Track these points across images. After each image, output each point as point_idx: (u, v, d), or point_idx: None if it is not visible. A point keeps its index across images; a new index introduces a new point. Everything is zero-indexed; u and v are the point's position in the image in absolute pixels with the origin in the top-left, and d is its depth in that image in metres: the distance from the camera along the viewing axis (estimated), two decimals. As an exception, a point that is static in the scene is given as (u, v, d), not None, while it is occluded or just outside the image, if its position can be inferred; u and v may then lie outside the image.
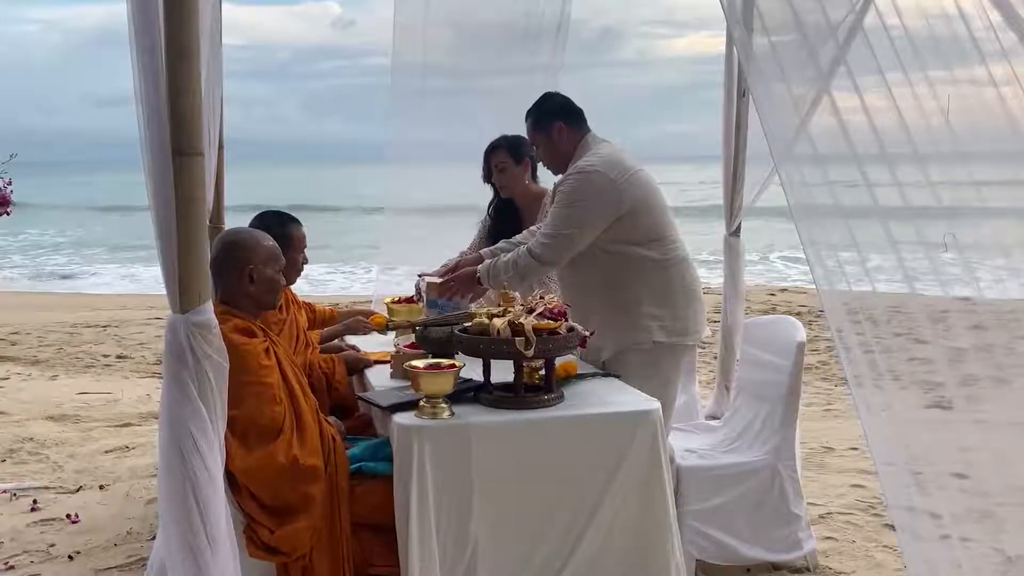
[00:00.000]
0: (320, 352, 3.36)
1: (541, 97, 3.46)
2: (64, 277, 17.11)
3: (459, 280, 3.40)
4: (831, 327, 2.27)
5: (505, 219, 3.99)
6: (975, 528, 2.14)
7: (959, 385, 2.14)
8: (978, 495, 2.16)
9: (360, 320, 3.58)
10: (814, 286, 2.34)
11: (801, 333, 3.39)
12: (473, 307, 3.16)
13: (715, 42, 4.33)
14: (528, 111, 3.46)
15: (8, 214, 4.86)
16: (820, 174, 2.33)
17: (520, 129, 3.86)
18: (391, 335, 3.50)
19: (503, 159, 3.91)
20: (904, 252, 2.19)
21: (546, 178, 3.91)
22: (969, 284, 2.15)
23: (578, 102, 3.44)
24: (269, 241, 2.81)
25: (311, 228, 3.61)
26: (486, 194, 4.12)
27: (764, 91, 2.62)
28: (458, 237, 4.21)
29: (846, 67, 2.32)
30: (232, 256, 2.73)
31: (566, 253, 3.21)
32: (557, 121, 3.35)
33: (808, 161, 2.36)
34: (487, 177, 3.99)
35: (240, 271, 2.71)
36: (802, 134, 2.40)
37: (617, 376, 3.11)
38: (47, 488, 4.38)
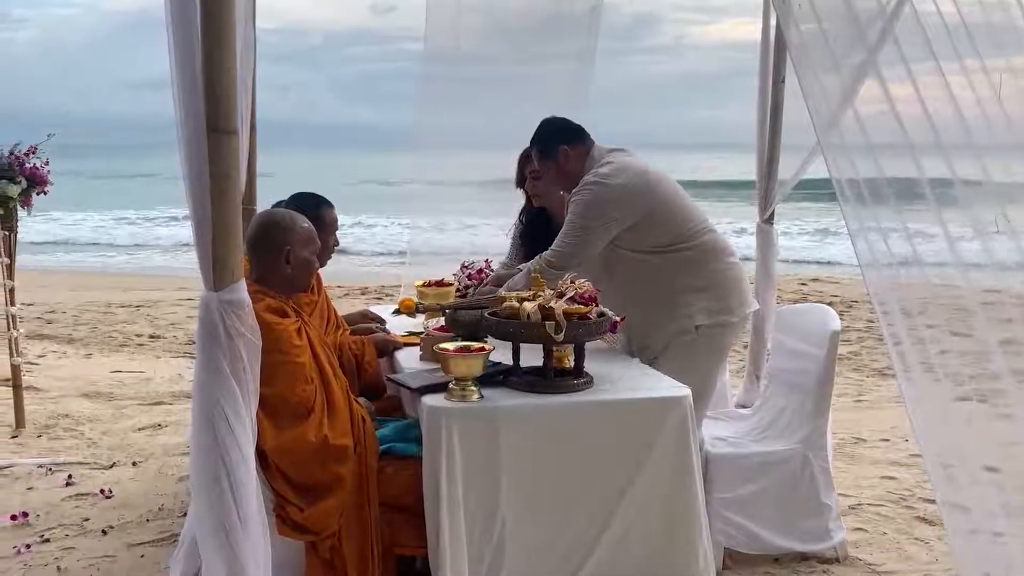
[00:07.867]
0: (351, 334, 3.37)
1: (539, 125, 3.42)
2: (98, 257, 17.32)
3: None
4: (878, 317, 2.22)
5: (538, 227, 3.79)
6: None
7: (1010, 377, 2.08)
8: None
9: (388, 340, 3.34)
10: (846, 275, 2.31)
11: (836, 321, 3.34)
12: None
13: (751, 28, 4.28)
14: (531, 141, 3.43)
15: (45, 193, 4.95)
16: (869, 160, 2.29)
17: (553, 114, 3.82)
18: (421, 317, 3.50)
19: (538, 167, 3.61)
20: (956, 238, 2.13)
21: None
22: (1019, 273, 2.10)
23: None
24: (306, 223, 2.81)
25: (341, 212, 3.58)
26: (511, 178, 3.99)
27: (809, 77, 2.57)
28: (485, 226, 4.15)
29: (897, 48, 2.27)
30: (270, 237, 2.73)
31: (577, 257, 3.19)
32: (561, 145, 3.33)
33: (855, 147, 2.32)
34: (520, 183, 3.85)
35: (278, 252, 2.71)
36: (848, 120, 2.35)
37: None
38: (81, 463, 4.45)
